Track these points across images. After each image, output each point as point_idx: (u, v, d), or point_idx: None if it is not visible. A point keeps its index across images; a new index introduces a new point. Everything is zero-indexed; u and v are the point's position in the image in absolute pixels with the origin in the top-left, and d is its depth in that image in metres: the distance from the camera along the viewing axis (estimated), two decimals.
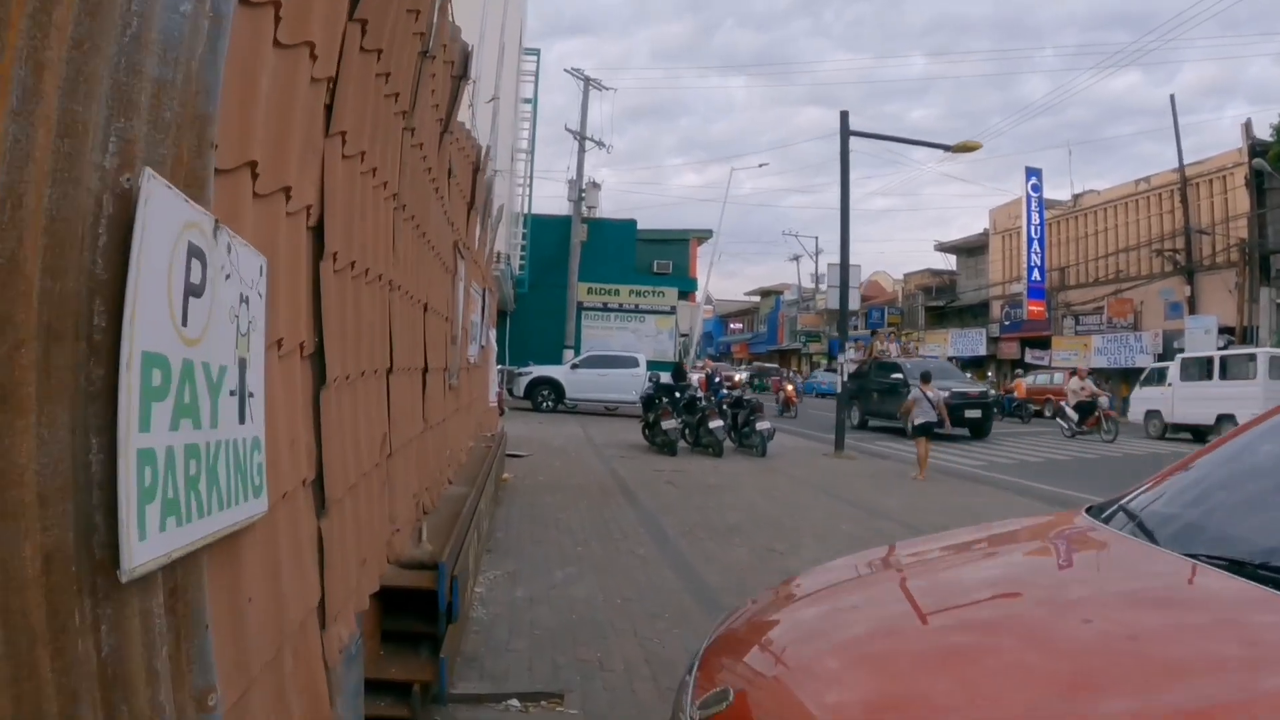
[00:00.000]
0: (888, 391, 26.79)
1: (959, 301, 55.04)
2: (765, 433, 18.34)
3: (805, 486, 14.07)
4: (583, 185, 38.18)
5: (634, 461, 16.42)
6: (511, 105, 27.96)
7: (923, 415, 15.97)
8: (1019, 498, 13.61)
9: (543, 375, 30.07)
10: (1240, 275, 34.77)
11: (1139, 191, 40.94)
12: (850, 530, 10.13)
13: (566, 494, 11.98)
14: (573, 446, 18.67)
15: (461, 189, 8.25)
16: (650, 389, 19.13)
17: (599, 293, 38.91)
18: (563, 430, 22.50)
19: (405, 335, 5.10)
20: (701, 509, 11.12)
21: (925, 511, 11.77)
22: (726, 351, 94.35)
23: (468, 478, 7.71)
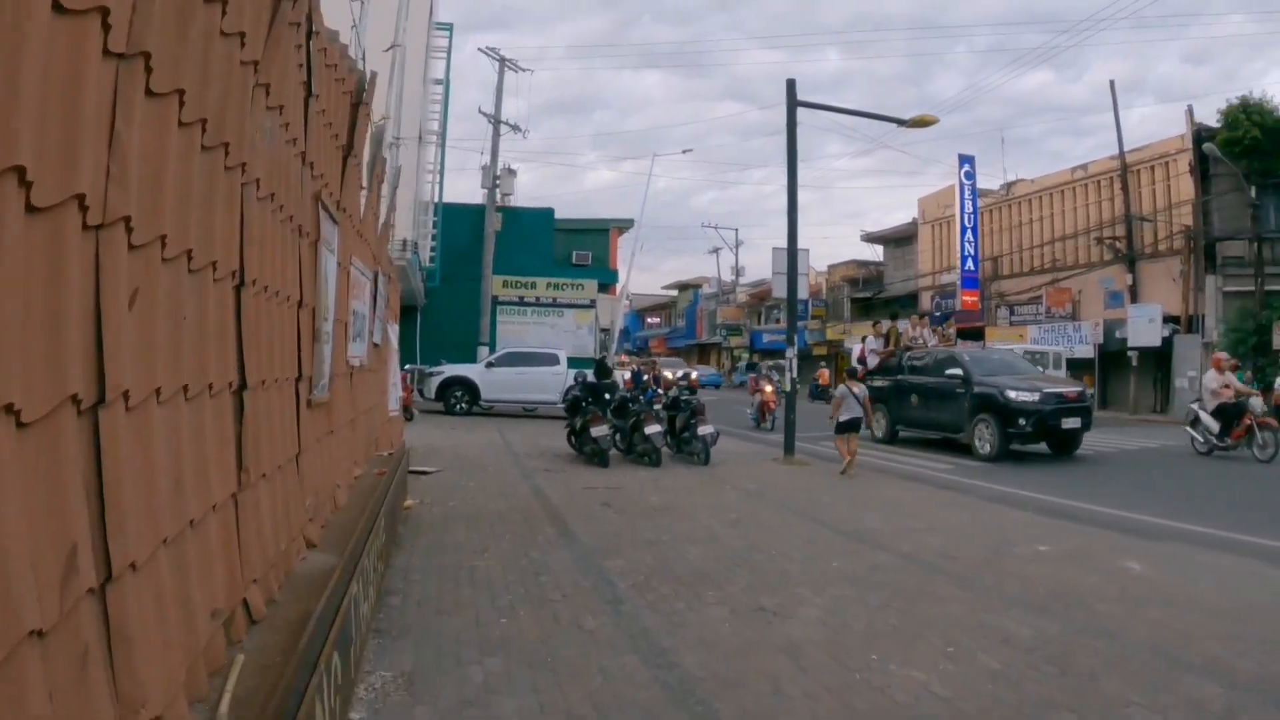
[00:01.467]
0: (939, 395, 19.82)
1: (886, 293, 53.73)
2: (708, 438, 16.25)
3: (766, 504, 11.91)
4: (497, 171, 35.84)
5: (561, 476, 14.17)
6: (419, 77, 25.54)
7: (848, 413, 15.92)
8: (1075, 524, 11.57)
9: (456, 375, 27.72)
10: (1185, 263, 33.62)
11: (1076, 179, 39.85)
12: (845, 569, 7.99)
13: (484, 526, 9.69)
14: (490, 457, 16.38)
15: (331, 123, 5.95)
16: (576, 390, 16.87)
17: (515, 286, 36.65)
18: (478, 437, 20.25)
19: (189, 333, 2.87)
20: (653, 544, 8.91)
21: (918, 534, 9.72)
22: (644, 346, 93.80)
23: (341, 535, 5.42)
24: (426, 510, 10.64)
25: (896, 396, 21.54)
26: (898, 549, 8.95)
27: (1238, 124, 31.50)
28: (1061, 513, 11.65)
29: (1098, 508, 12.07)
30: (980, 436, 18.15)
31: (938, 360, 20.76)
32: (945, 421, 19.68)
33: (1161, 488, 14.55)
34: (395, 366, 13.91)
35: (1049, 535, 9.93)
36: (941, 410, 19.78)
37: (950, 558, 8.59)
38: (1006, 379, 18.69)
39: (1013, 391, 17.83)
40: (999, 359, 21.28)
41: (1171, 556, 9.04)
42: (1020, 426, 17.44)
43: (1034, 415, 17.47)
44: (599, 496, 11.97)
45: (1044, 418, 17.54)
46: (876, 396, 21.33)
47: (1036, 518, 11.22)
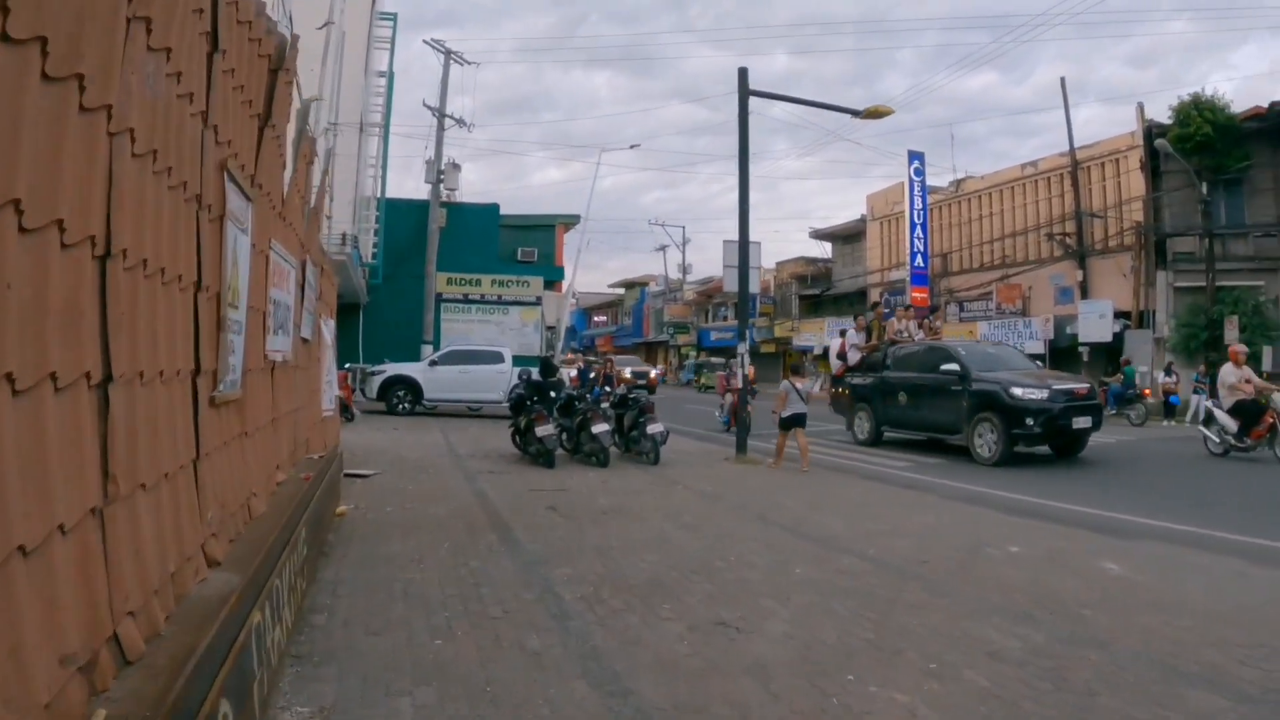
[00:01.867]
0: (931, 393, 18.10)
1: (835, 290, 53.55)
2: (658, 437, 15.74)
3: (722, 507, 11.35)
4: (441, 166, 35.09)
5: (506, 478, 13.56)
6: (360, 66, 24.76)
7: (792, 408, 15.85)
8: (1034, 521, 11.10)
9: (398, 374, 27.03)
10: (1136, 259, 33.56)
11: (1026, 176, 39.80)
12: (810, 576, 7.45)
13: (421, 534, 9.05)
14: (432, 459, 15.73)
15: (243, 86, 5.30)
16: (521, 388, 16.25)
17: (459, 283, 35.98)
18: (421, 437, 19.60)
19: (16, 307, 2.25)
20: (602, 551, 8.32)
21: (884, 537, 9.21)
22: (591, 344, 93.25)
23: (253, 550, 4.78)
24: (361, 517, 10.00)
25: (882, 395, 19.69)
26: (864, 553, 8.43)
27: (1190, 120, 31.44)
28: (1032, 512, 11.20)
29: (1069, 506, 11.65)
30: (981, 438, 16.62)
31: (929, 355, 19.00)
32: (939, 422, 18.13)
33: (1170, 490, 13.70)
34: (331, 364, 13.19)
35: (1020, 536, 9.46)
36: (935, 410, 18.20)
37: (920, 561, 8.08)
38: (1009, 375, 17.21)
39: (1019, 389, 16.30)
40: (994, 353, 19.75)
41: (1150, 556, 8.60)
42: (1027, 427, 15.96)
43: (1043, 415, 15.96)
44: (545, 500, 11.37)
45: (1054, 417, 16.05)
46: (859, 395, 20.47)
47: (1005, 517, 10.75)
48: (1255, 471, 15.34)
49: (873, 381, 20.15)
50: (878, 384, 19.91)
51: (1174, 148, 30.62)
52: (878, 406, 19.83)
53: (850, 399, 20.95)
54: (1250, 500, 12.56)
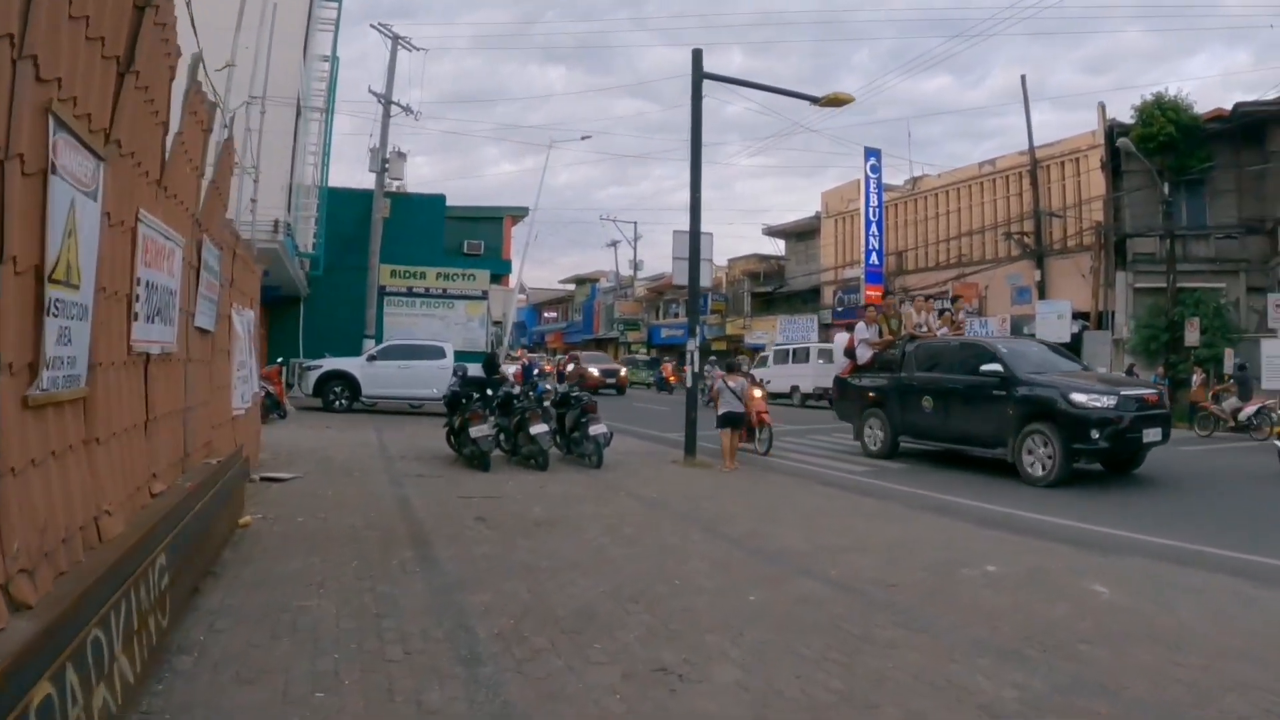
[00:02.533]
0: (965, 398, 15.43)
1: (788, 287, 52.91)
2: (601, 438, 14.79)
3: (667, 517, 10.39)
4: (386, 155, 33.89)
5: (435, 482, 12.55)
6: (297, 44, 23.61)
7: (726, 406, 15.55)
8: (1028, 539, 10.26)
9: (335, 369, 25.87)
10: (1096, 259, 33.05)
11: (983, 174, 39.28)
12: (766, 603, 6.51)
13: (330, 549, 8.03)
14: (360, 460, 14.68)
15: (88, 19, 4.29)
16: (456, 385, 15.26)
17: (403, 276, 34.99)
18: (353, 436, 18.55)
19: None
20: (529, 571, 7.35)
21: (847, 554, 8.32)
22: (541, 341, 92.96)
23: (83, 587, 3.79)
24: (268, 528, 8.96)
25: (900, 399, 16.84)
26: (825, 574, 7.53)
27: (1153, 120, 30.96)
28: (1002, 523, 10.39)
29: (1042, 516, 10.90)
30: (1031, 454, 13.97)
31: (963, 353, 16.22)
32: (976, 433, 15.27)
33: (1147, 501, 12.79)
34: (246, 358, 12.16)
35: (996, 552, 8.60)
36: (970, 419, 15.36)
37: (889, 584, 7.18)
38: (1066, 378, 14.66)
39: (1081, 395, 13.67)
40: (1038, 352, 16.71)
41: (1138, 575, 7.80)
42: (1091, 441, 13.35)
43: (1110, 426, 13.35)
44: (474, 508, 10.38)
45: (1122, 430, 13.50)
46: (870, 399, 17.72)
47: (976, 530, 9.91)
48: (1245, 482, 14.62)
49: (888, 383, 17.37)
50: (895, 386, 17.13)
51: (1136, 147, 30.09)
52: (894, 413, 17.08)
53: (859, 403, 18.21)
54: (1242, 513, 11.80)
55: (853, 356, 18.76)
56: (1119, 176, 33.16)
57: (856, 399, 18.40)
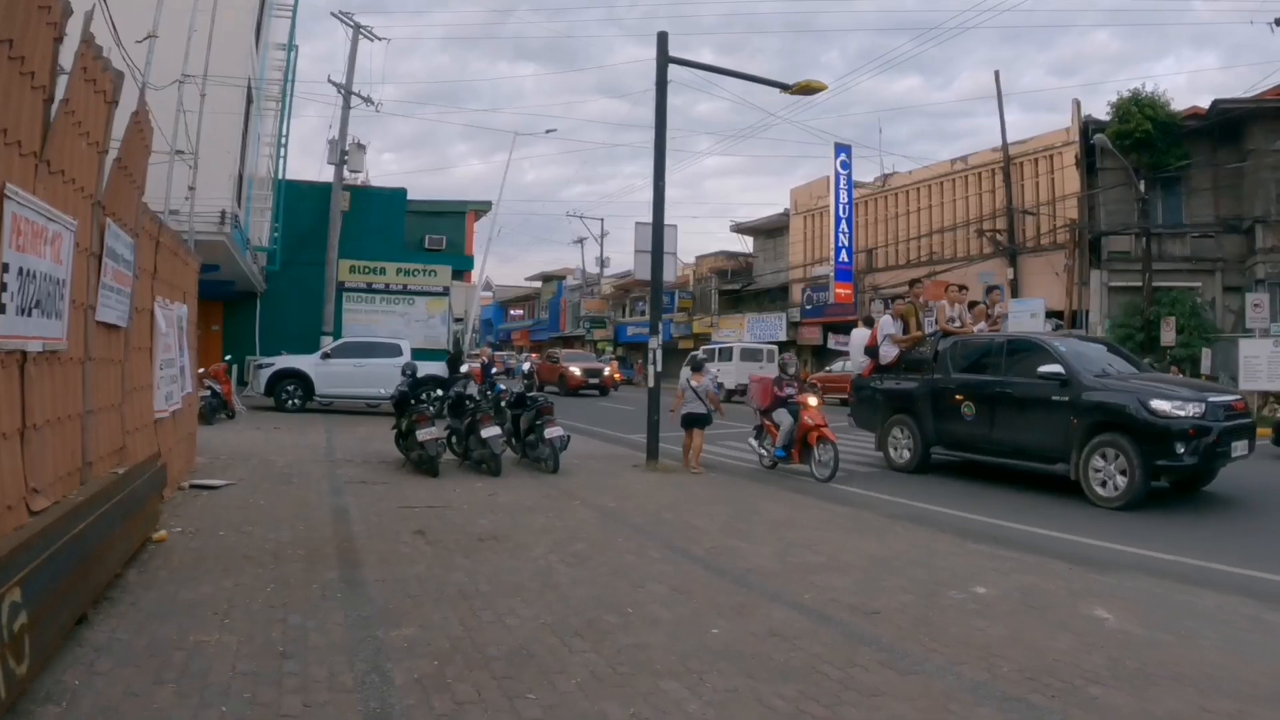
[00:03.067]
0: (1018, 404, 13.36)
1: (756, 285, 52.26)
2: (557, 442, 13.92)
3: (624, 530, 9.53)
4: (345, 147, 32.84)
5: (378, 490, 11.67)
6: (248, 28, 22.62)
7: (689, 406, 15.06)
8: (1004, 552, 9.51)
9: (288, 368, 24.96)
10: (1070, 257, 32.47)
11: (955, 171, 38.68)
12: (731, 638, 5.68)
13: (246, 571, 7.15)
14: (301, 466, 13.78)
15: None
16: (405, 385, 14.38)
17: (363, 271, 33.79)
18: (301, 438, 17.67)
19: None
20: (465, 598, 6.50)
21: (821, 573, 7.53)
22: (507, 339, 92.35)
23: None
24: (184, 544, 8.09)
25: (934, 405, 14.65)
26: (798, 599, 6.73)
27: (1130, 117, 30.35)
28: (986, 535, 9.67)
29: (1027, 527, 10.23)
30: (1098, 470, 11.97)
31: (1013, 351, 13.90)
32: (1030, 444, 13.07)
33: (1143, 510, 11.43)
34: (176, 356, 11.28)
35: (983, 570, 7.83)
36: (1024, 428, 13.26)
37: (871, 612, 6.39)
38: (1143, 382, 12.66)
39: (1164, 401, 11.57)
40: (1098, 351, 14.40)
41: (1142, 598, 7.05)
42: (1177, 456, 11.28)
43: (1198, 439, 11.27)
44: (415, 520, 9.53)
45: (1213, 443, 11.39)
46: (896, 405, 15.60)
47: (959, 543, 9.14)
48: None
49: (918, 386, 15.13)
50: (927, 390, 14.91)
51: (1113, 144, 29.51)
52: (926, 420, 14.90)
53: (883, 409, 16.07)
54: (1243, 524, 11.06)
55: (874, 355, 16.45)
56: (1094, 174, 32.58)
57: (879, 404, 16.24)
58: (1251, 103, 29.45)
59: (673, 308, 58.88)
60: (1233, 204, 30.62)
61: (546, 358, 47.43)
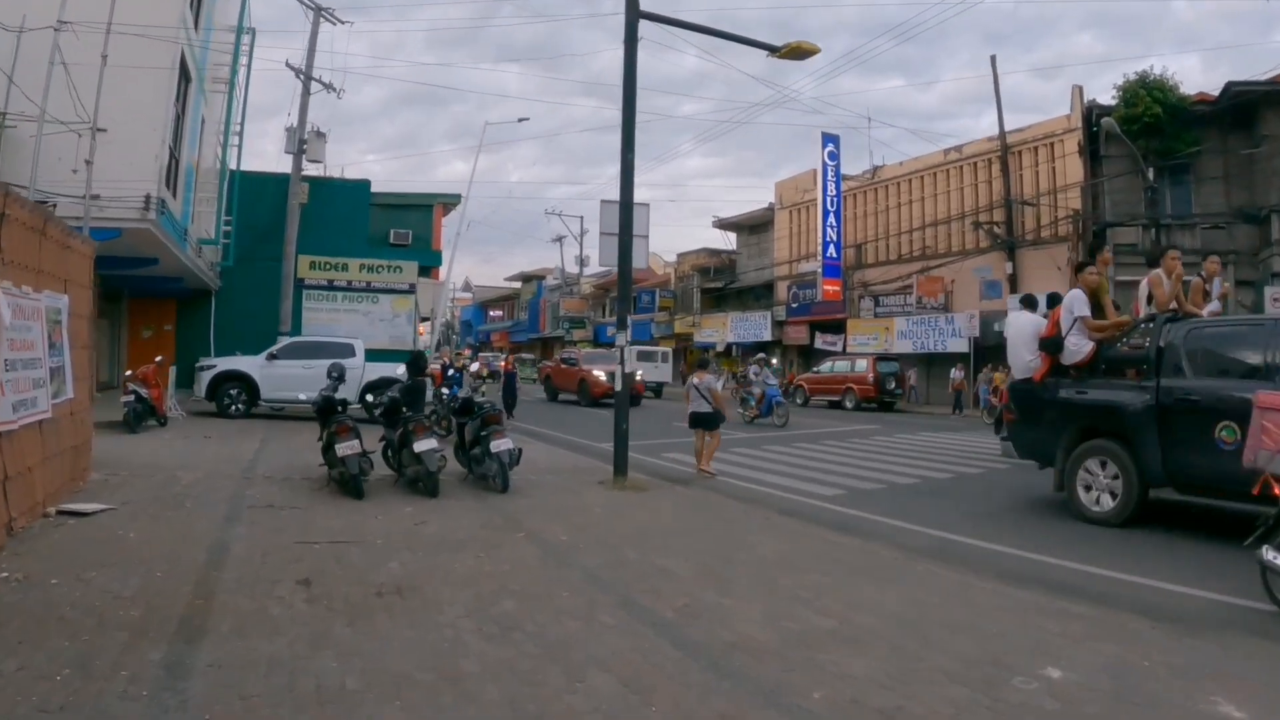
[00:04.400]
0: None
1: (740, 283, 50.36)
2: (505, 456, 11.76)
3: (571, 576, 7.40)
4: (304, 135, 30.66)
5: (284, 517, 9.57)
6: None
7: (694, 406, 14.57)
8: None
9: (230, 370, 22.79)
10: (1072, 250, 30.53)
11: (949, 161, 36.78)
12: None
13: (51, 639, 5.14)
14: (210, 484, 11.67)
15: None
16: (329, 389, 12.27)
17: (323, 267, 31.72)
18: (228, 449, 15.65)
19: None
20: (319, 704, 4.42)
21: (831, 648, 5.51)
22: (486, 340, 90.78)
23: None
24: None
25: (1162, 424, 9.89)
26: (805, 697, 4.69)
27: (1137, 101, 28.50)
28: (1038, 579, 7.75)
29: (1084, 567, 8.24)
30: None
31: None
32: None
33: None
34: (40, 355, 9.23)
35: (1048, 636, 5.84)
36: None
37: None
38: None
39: None
40: None
41: (1273, 677, 5.11)
42: None
43: None
44: (308, 562, 7.45)
45: None
46: (1098, 425, 10.77)
47: (1002, 590, 7.18)
48: None
49: (1132, 396, 10.24)
50: (1148, 401, 10.00)
51: (1120, 129, 27.64)
52: (1148, 450, 9.99)
53: (1069, 431, 11.18)
54: None
55: (1054, 349, 11.34)
56: (1097, 162, 30.79)
57: (1062, 422, 11.25)
58: (1266, 85, 27.70)
59: (653, 307, 57.01)
60: (1245, 193, 28.96)
61: (562, 360, 39.40)
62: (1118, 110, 28.80)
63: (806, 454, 17.12)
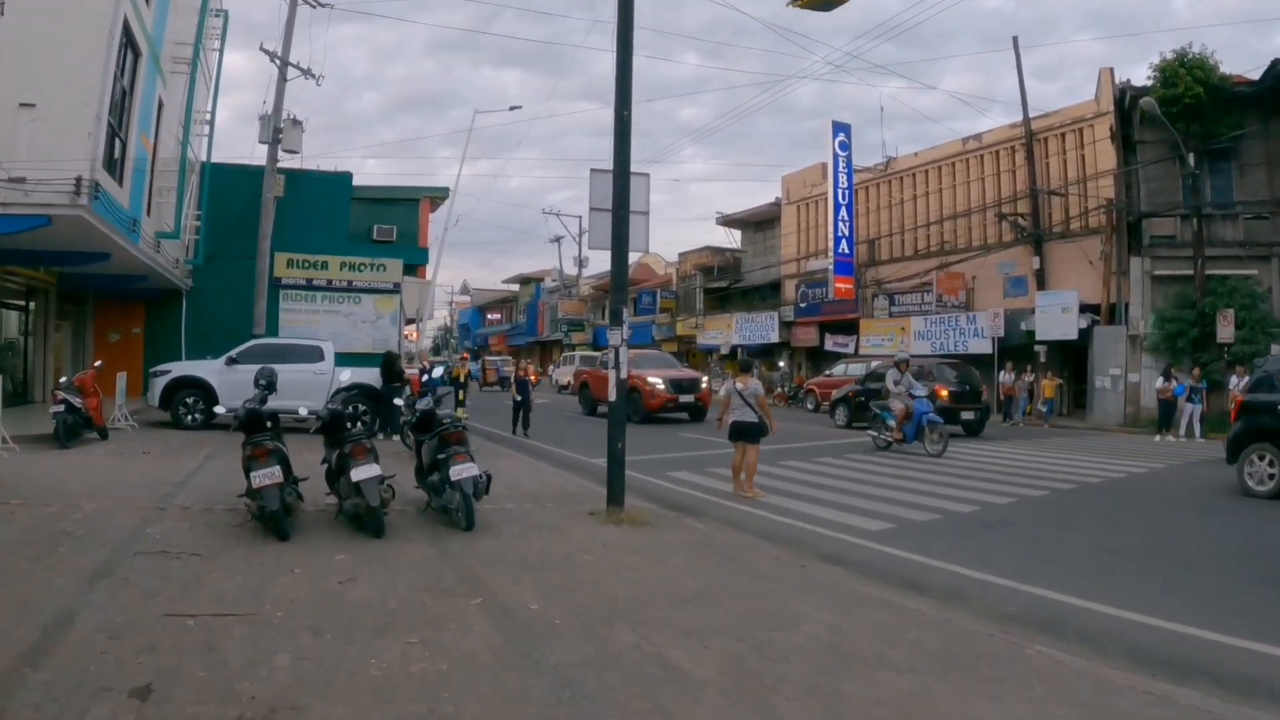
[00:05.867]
0: None
1: (745, 282, 48.10)
2: (470, 485, 9.36)
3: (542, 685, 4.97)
4: (279, 123, 28.34)
5: (171, 570, 7.28)
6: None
7: (736, 414, 12.79)
8: None
9: (186, 375, 20.57)
10: (1106, 243, 28.19)
11: (968, 150, 34.56)
12: None
13: None
14: (108, 516, 9.46)
15: None
16: (255, 401, 9.94)
17: (301, 265, 29.31)
18: (156, 467, 13.63)
19: None
20: None
21: None
22: (484, 344, 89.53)
23: None
24: None
25: None
26: None
27: (1176, 80, 26.11)
28: (1198, 666, 5.56)
29: (1244, 642, 6.04)
30: None
31: None
32: None
33: None
34: None
35: None
36: None
37: None
38: None
39: None
40: None
41: None
42: None
43: None
44: (167, 652, 5.17)
45: None
46: None
47: (1170, 701, 4.88)
48: None
49: None
50: None
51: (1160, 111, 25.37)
52: None
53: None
54: None
55: None
56: (1129, 148, 28.50)
57: None
58: None
59: (654, 308, 54.79)
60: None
61: (604, 363, 32.04)
62: (1155, 90, 26.49)
63: (831, 470, 14.91)
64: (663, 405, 26.91)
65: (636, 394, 26.36)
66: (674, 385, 27.36)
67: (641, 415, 26.22)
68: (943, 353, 33.10)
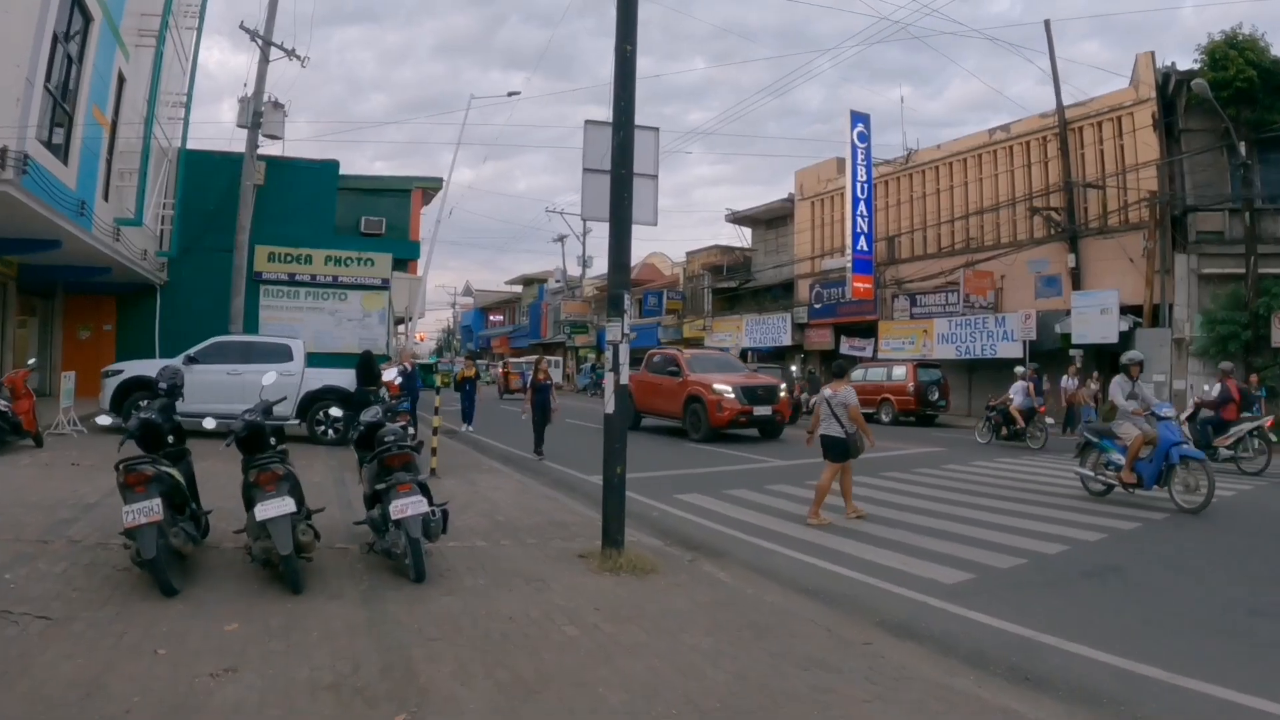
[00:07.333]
0: None
1: (755, 282, 46.03)
2: (417, 525, 7.16)
3: None
4: (260, 106, 26.24)
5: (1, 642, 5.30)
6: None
7: (826, 427, 10.99)
8: None
9: (139, 376, 18.36)
10: (1148, 239, 26.05)
11: (996, 141, 32.50)
12: None
13: None
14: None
15: None
16: (149, 410, 7.82)
17: (284, 259, 27.58)
18: (69, 485, 11.90)
19: None
20: None
21: None
22: (486, 346, 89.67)
23: None
24: None
25: None
26: None
27: (1226, 62, 24.05)
28: None
29: None
30: None
31: None
32: None
33: None
34: None
35: None
36: None
37: None
38: None
39: None
40: None
41: None
42: None
43: None
44: None
45: None
46: None
47: None
48: None
49: None
50: None
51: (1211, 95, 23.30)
52: None
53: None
54: None
55: None
56: (1172, 138, 26.43)
57: None
58: None
59: (660, 309, 52.85)
60: None
61: (650, 365, 25.83)
62: (1204, 73, 24.43)
63: (875, 493, 12.78)
64: (733, 419, 22.09)
65: (699, 404, 22.44)
66: (747, 394, 22.40)
67: (705, 432, 22.12)
68: (967, 357, 31.11)
